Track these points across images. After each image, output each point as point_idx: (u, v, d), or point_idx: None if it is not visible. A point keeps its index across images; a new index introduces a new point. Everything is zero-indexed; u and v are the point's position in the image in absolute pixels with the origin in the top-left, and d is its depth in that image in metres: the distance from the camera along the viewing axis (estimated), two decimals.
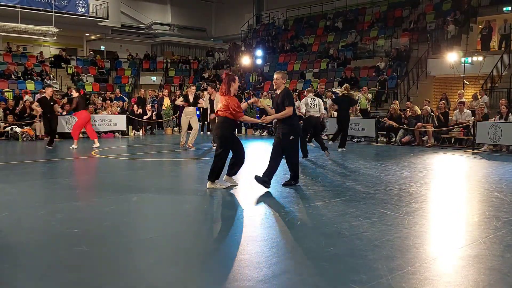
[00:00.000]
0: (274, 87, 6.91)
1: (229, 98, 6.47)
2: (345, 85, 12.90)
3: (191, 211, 5.50)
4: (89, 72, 27.38)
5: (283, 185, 6.88)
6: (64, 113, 15.96)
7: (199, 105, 13.20)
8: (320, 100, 11.23)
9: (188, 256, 3.85)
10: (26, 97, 17.77)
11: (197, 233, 4.51)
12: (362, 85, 18.58)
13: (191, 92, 12.49)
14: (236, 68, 27.60)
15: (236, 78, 6.71)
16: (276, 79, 6.74)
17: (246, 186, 7.05)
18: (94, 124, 16.35)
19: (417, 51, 19.94)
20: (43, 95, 13.17)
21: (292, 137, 6.54)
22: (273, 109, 6.98)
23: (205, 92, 12.88)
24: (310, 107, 10.77)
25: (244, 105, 7.04)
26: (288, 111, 6.50)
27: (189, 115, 12.43)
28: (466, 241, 4.22)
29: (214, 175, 6.59)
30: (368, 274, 3.38)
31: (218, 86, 13.03)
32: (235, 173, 6.83)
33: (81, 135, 16.25)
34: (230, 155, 6.69)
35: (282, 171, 7.92)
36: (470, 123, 12.66)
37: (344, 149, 12.05)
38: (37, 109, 13.52)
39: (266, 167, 6.62)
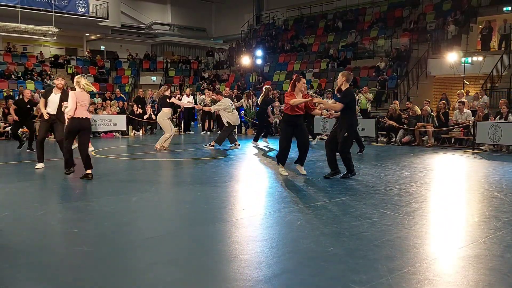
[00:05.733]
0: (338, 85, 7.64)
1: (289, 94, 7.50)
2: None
3: (191, 211, 5.50)
4: (89, 72, 27.38)
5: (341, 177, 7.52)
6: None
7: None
8: None
9: (188, 256, 3.85)
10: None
11: (197, 233, 4.51)
12: (362, 85, 18.58)
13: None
14: (235, 68, 27.59)
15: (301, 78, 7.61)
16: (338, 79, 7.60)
17: (245, 186, 7.06)
18: (94, 124, 16.30)
19: (417, 51, 19.92)
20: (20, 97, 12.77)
21: (346, 133, 7.38)
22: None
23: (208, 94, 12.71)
24: None
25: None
26: (336, 105, 7.37)
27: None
28: (466, 241, 4.22)
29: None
30: (368, 274, 3.38)
31: (217, 86, 13.03)
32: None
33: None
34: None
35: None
36: (470, 123, 12.66)
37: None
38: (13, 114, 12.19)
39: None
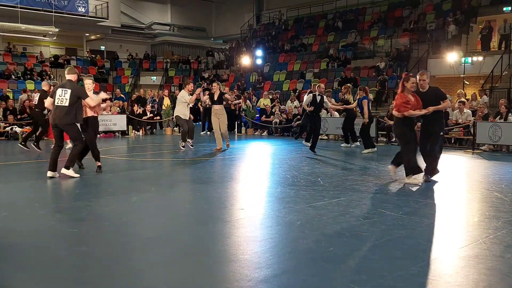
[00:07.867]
0: (419, 88, 7.33)
1: (398, 95, 7.22)
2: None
3: (191, 211, 5.50)
4: (89, 72, 27.35)
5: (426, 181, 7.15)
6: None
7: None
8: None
9: (188, 256, 3.85)
10: (23, 95, 17.87)
11: (197, 233, 4.51)
12: (362, 85, 18.57)
13: (216, 89, 11.91)
14: (235, 68, 27.60)
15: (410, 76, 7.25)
16: (424, 80, 7.26)
17: (245, 186, 7.07)
18: None
19: (417, 51, 19.93)
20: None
21: (442, 133, 7.28)
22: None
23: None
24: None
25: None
26: (447, 103, 7.12)
27: (218, 114, 11.80)
28: (466, 241, 4.22)
29: (408, 170, 7.11)
30: (368, 274, 3.38)
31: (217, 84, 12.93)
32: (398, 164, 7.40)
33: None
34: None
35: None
36: (470, 123, 12.65)
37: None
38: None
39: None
